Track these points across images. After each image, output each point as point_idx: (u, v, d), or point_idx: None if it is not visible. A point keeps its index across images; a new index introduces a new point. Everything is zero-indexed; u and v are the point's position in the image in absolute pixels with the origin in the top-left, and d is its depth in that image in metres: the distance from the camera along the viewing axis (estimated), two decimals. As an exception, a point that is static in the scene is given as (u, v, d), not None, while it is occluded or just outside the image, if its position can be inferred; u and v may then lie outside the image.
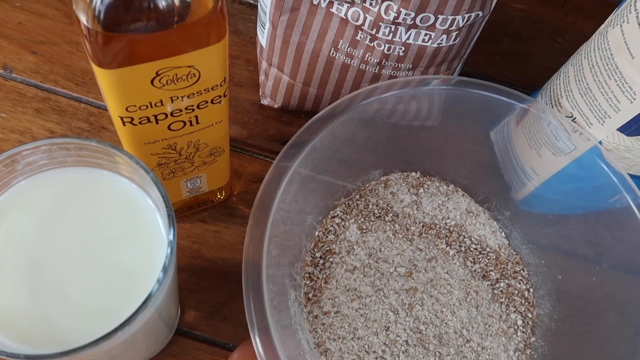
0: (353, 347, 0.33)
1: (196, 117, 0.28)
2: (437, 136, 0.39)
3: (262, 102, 0.44)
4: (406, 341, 0.34)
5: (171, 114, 0.27)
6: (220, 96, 0.28)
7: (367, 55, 0.37)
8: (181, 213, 0.39)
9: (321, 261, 0.36)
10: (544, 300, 0.38)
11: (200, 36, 0.23)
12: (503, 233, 0.40)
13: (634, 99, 0.31)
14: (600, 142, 0.35)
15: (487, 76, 0.49)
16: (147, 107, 0.26)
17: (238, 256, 0.39)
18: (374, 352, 0.33)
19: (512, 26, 0.52)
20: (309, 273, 0.35)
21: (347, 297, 0.35)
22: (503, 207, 0.40)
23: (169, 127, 0.28)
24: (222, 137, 0.32)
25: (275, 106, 0.43)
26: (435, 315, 0.35)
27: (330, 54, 0.38)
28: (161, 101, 0.26)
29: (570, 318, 0.36)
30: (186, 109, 0.27)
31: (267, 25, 0.38)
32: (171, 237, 0.24)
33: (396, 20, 0.34)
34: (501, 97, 0.35)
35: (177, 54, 0.23)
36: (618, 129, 0.33)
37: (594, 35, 0.35)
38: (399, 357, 0.34)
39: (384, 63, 0.37)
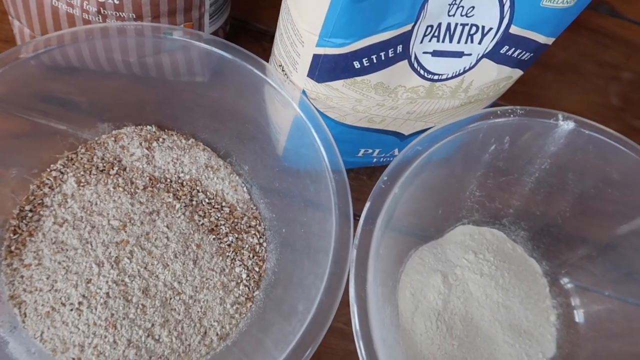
0: (49, 299, 0.33)
1: None
2: (175, 86, 0.38)
3: (20, 57, 0.43)
4: (107, 293, 0.34)
5: None
6: None
7: (85, 4, 0.36)
8: None
9: (30, 214, 0.35)
10: (272, 255, 0.37)
11: None
12: (245, 188, 0.39)
13: (303, 43, 0.30)
14: (304, 92, 0.34)
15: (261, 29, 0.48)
16: None
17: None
18: (71, 303, 0.33)
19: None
20: (14, 226, 0.35)
21: (52, 250, 0.34)
22: (242, 162, 0.39)
23: None
24: None
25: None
26: (145, 268, 0.35)
27: (53, 3, 0.37)
28: None
29: (286, 269, 0.36)
30: None
31: (-7, -26, 0.37)
32: None
33: (92, -35, 0.33)
34: (236, 58, 0.34)
35: None
36: (307, 76, 0.32)
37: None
38: (96, 309, 0.33)
39: (104, 12, 0.36)
